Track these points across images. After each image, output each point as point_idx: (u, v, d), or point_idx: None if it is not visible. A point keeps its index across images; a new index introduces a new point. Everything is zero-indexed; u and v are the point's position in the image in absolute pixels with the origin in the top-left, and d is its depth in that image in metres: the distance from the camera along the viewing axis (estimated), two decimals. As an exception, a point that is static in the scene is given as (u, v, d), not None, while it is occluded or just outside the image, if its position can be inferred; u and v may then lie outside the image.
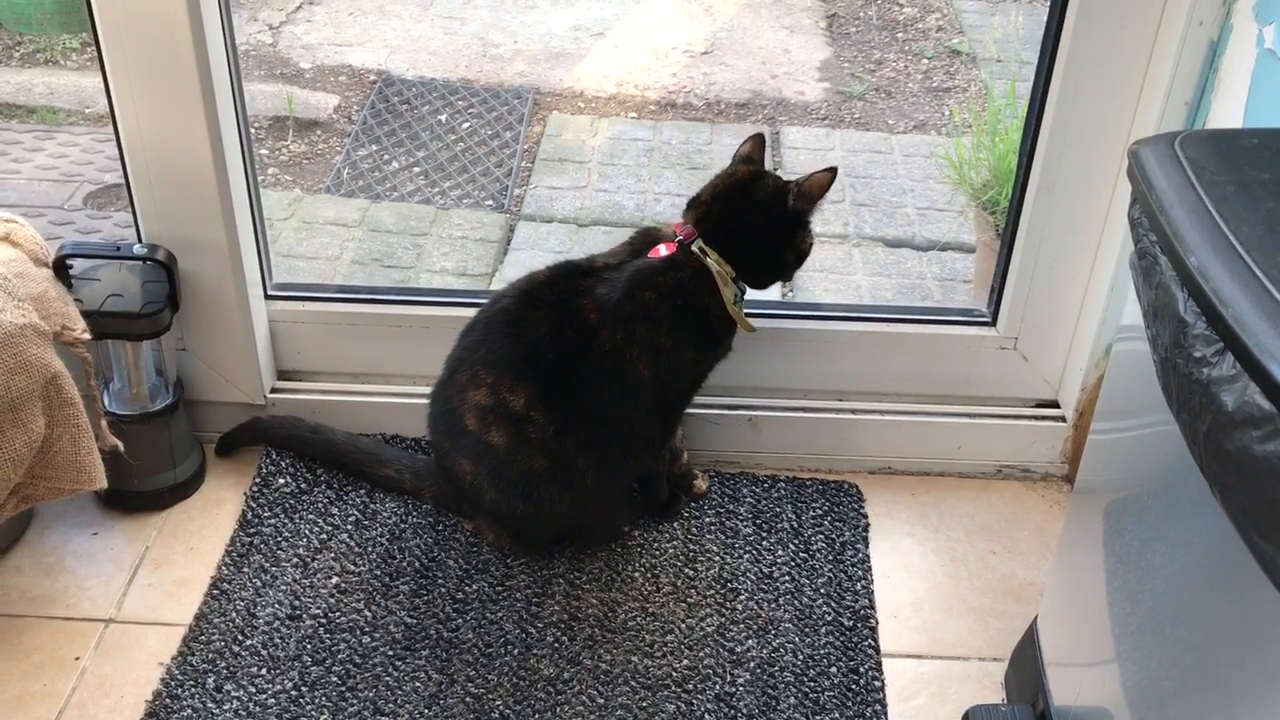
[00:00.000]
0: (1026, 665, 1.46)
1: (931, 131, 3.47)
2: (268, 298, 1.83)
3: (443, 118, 3.44)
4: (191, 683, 1.50)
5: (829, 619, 1.61)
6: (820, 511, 1.78)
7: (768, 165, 1.69)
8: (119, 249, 1.69)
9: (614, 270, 1.59)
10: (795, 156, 3.28)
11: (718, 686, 1.51)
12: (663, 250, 1.59)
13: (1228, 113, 1.48)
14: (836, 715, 1.49)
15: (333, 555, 1.68)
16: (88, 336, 1.57)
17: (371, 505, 1.77)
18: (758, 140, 1.68)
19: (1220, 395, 0.86)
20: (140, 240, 1.72)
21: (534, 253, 2.84)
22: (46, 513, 1.76)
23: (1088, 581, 1.32)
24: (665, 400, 1.62)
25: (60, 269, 1.62)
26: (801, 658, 1.55)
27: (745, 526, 1.75)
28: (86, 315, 1.60)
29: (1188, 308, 0.94)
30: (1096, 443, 1.34)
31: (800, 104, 3.60)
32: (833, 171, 1.58)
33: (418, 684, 1.50)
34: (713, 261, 1.58)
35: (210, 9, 1.58)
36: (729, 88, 3.68)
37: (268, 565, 1.67)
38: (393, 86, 3.58)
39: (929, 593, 1.68)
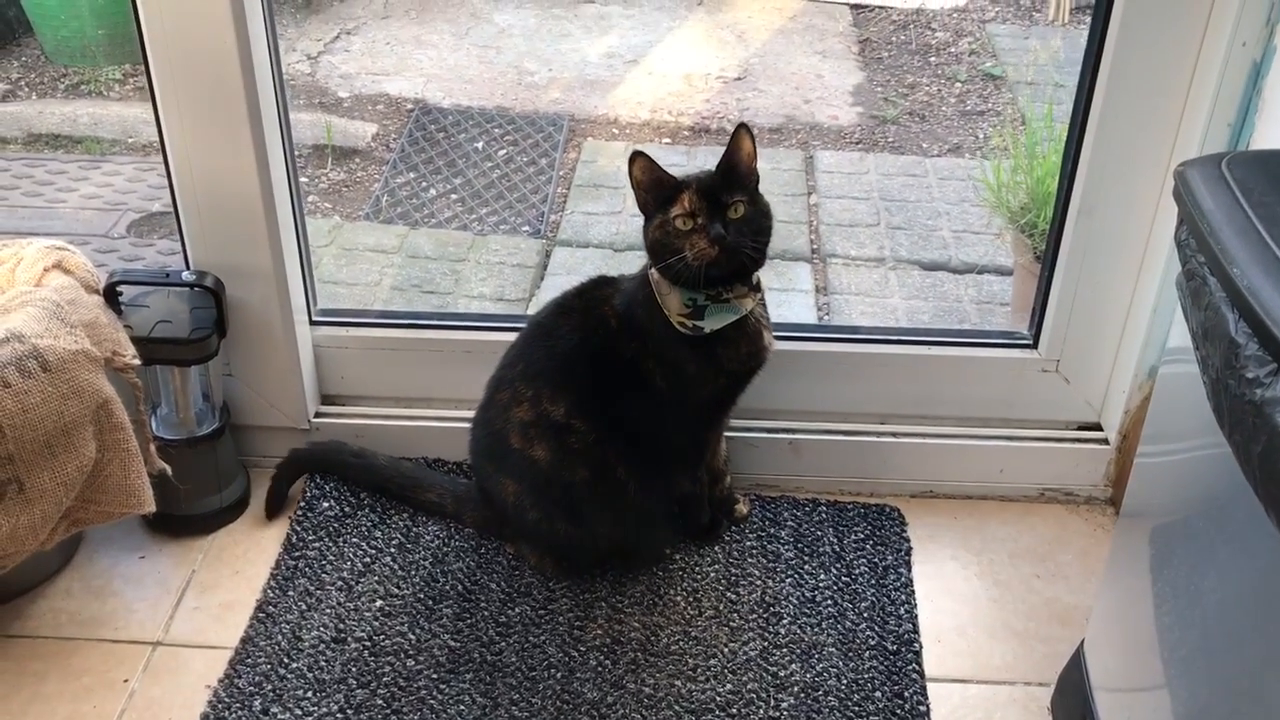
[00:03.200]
0: (1074, 690, 1.44)
1: (966, 155, 3.47)
2: (312, 323, 1.86)
3: (479, 145, 3.47)
4: (238, 705, 1.51)
5: (873, 643, 1.60)
6: (862, 535, 1.78)
7: (805, 189, 1.68)
8: (168, 276, 1.72)
9: (630, 281, 1.62)
10: (829, 180, 3.28)
11: (761, 711, 1.51)
12: None
13: (1272, 133, 1.47)
14: (881, 740, 1.48)
15: (376, 578, 1.69)
16: (137, 362, 1.59)
17: (414, 529, 1.78)
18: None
19: (1275, 416, 0.85)
20: (188, 267, 1.75)
21: (570, 278, 2.83)
22: (94, 536, 1.78)
23: (1136, 606, 1.31)
24: (687, 417, 1.62)
25: (111, 296, 1.65)
26: (845, 682, 1.54)
27: (787, 550, 1.75)
28: (136, 341, 1.62)
29: (1239, 329, 0.94)
30: (1144, 465, 1.34)
31: (834, 128, 3.61)
32: None
33: (462, 707, 1.51)
34: (653, 271, 1.56)
35: (259, 40, 1.61)
36: (763, 113, 3.69)
37: (312, 588, 1.68)
38: (430, 115, 3.62)
39: (973, 617, 1.67)
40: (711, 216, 1.48)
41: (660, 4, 4.48)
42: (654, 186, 1.53)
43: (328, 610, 1.64)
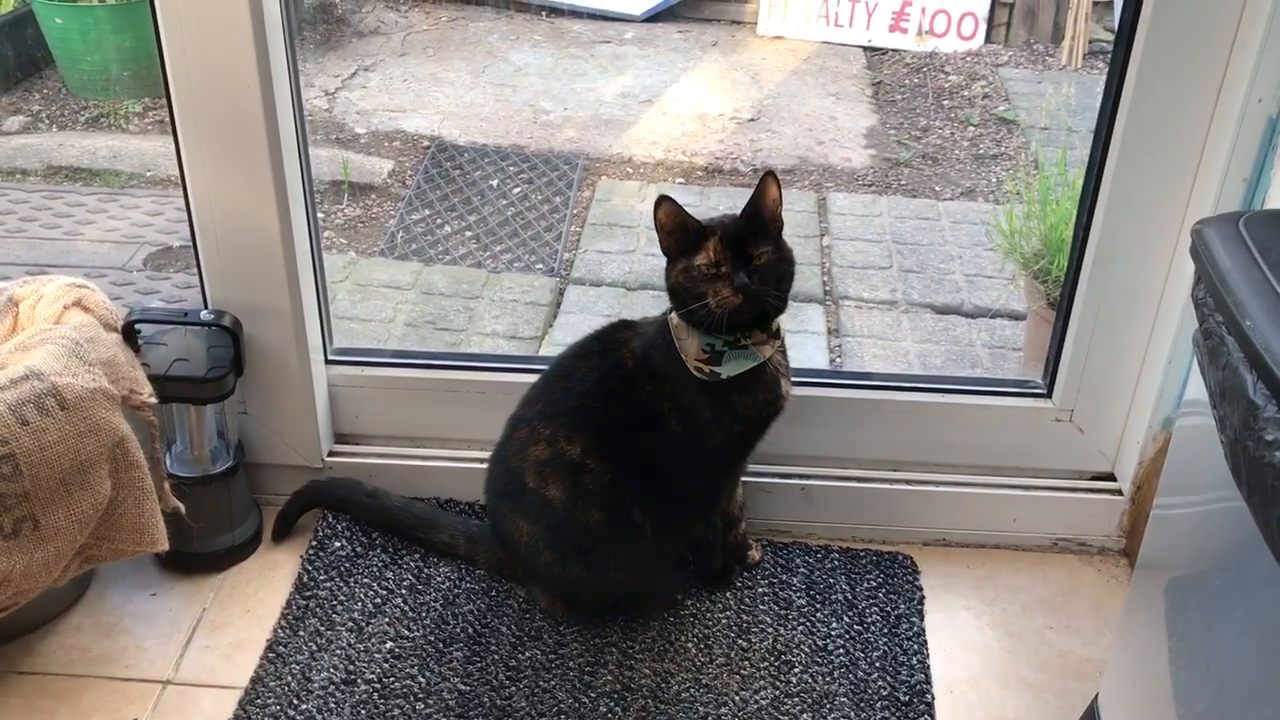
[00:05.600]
0: (1088, 745, 1.43)
1: (979, 199, 3.49)
2: (328, 362, 1.86)
3: (494, 183, 3.49)
4: (247, 747, 1.51)
5: (885, 694, 1.59)
6: (874, 583, 1.77)
7: (818, 231, 1.69)
8: (186, 315, 1.72)
9: (649, 325, 1.63)
10: (842, 222, 3.30)
11: (772, 760, 1.50)
12: None
13: (1288, 190, 1.47)
14: (893, 792, 1.47)
15: (387, 620, 1.69)
16: (154, 400, 1.60)
17: (426, 570, 1.77)
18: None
19: (1295, 480, 0.85)
20: (206, 305, 1.76)
21: (583, 316, 2.86)
22: (106, 573, 1.78)
23: (1151, 660, 1.30)
24: (702, 462, 1.61)
25: (129, 334, 1.66)
26: (857, 732, 1.53)
27: (799, 598, 1.74)
28: (153, 379, 1.63)
29: (1257, 390, 0.94)
30: (1160, 518, 1.33)
31: (847, 170, 3.63)
32: None
33: (471, 752, 1.50)
34: (673, 315, 1.57)
35: (281, 79, 1.63)
36: (776, 154, 3.71)
37: (323, 629, 1.68)
38: (445, 152, 3.64)
39: (985, 668, 1.66)
40: (736, 265, 1.48)
41: (675, 45, 4.52)
42: (678, 231, 1.53)
43: (338, 651, 1.64)
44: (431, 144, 3.69)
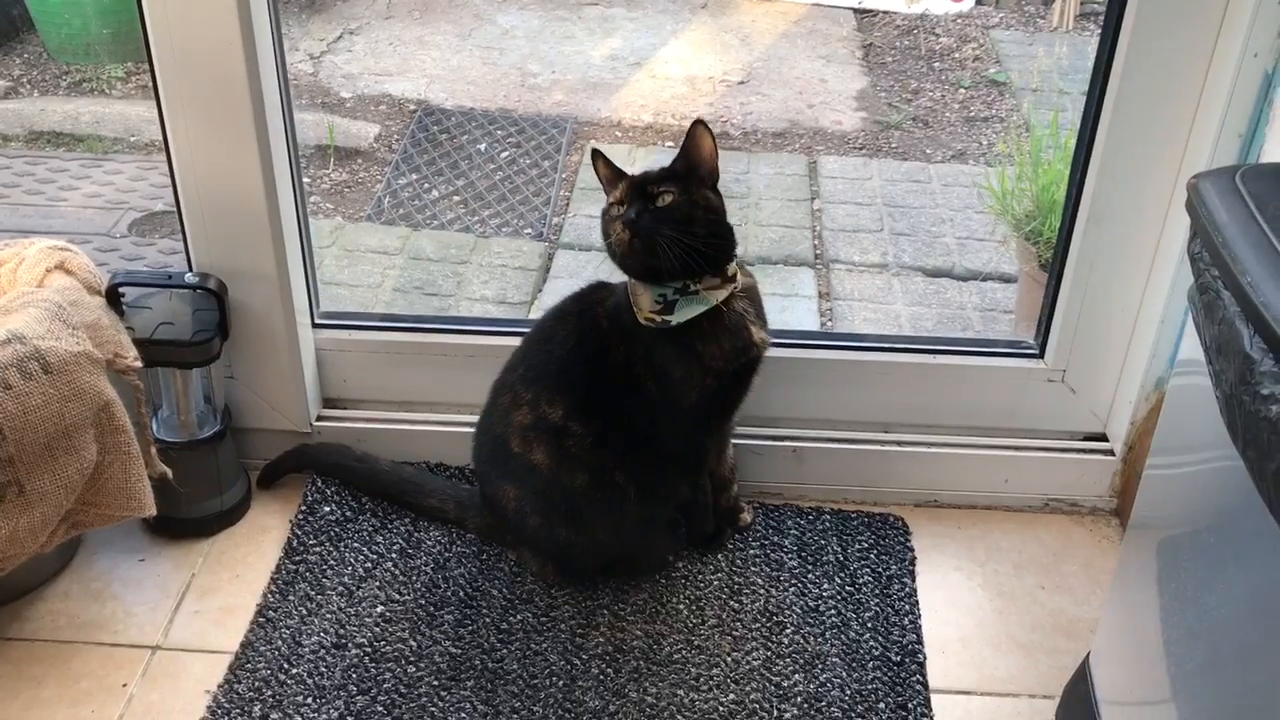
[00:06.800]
0: (1079, 703, 1.43)
1: (970, 161, 3.47)
2: (315, 326, 1.85)
3: (482, 147, 3.46)
4: (238, 711, 1.50)
5: (876, 654, 1.59)
6: (866, 544, 1.77)
7: (809, 194, 1.68)
8: (171, 278, 1.71)
9: (623, 285, 1.61)
10: (833, 186, 3.28)
11: (764, 721, 1.50)
12: None
13: (1283, 145, 1.46)
14: (885, 752, 1.47)
15: (377, 584, 1.68)
16: (139, 364, 1.58)
17: (416, 534, 1.77)
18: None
19: (1292, 433, 0.85)
20: (191, 268, 1.74)
21: (572, 281, 2.84)
22: (94, 538, 1.77)
23: (1143, 618, 1.30)
24: (681, 423, 1.60)
25: (113, 297, 1.64)
26: (849, 693, 1.54)
27: (790, 559, 1.74)
28: (138, 343, 1.61)
29: (1254, 344, 0.93)
30: (1153, 478, 1.33)
31: (837, 133, 3.61)
32: None
33: (463, 715, 1.50)
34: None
35: (264, 40, 1.60)
36: (766, 117, 3.69)
37: (313, 593, 1.67)
38: (432, 116, 3.61)
39: (977, 628, 1.66)
40: (632, 203, 1.49)
41: (664, 7, 4.47)
42: (611, 179, 1.57)
43: (328, 615, 1.63)
44: (418, 108, 3.65)
